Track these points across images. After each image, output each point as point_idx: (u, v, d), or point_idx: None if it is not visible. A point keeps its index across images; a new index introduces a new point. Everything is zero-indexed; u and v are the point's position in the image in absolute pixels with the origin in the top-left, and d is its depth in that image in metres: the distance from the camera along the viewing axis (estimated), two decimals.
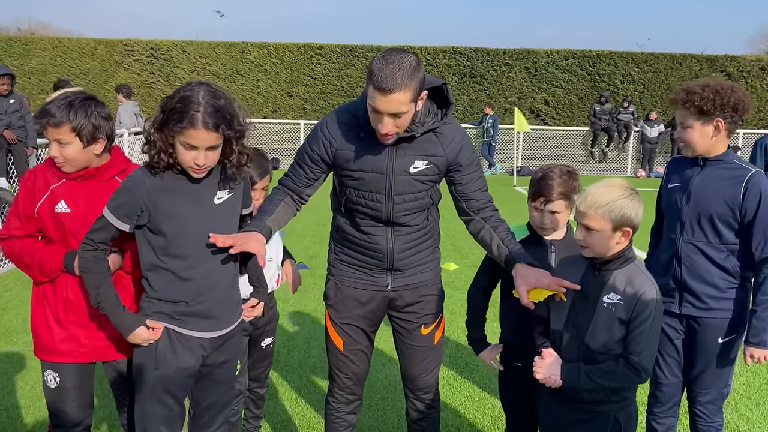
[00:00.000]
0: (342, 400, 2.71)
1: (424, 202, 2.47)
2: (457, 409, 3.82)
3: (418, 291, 2.59)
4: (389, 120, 2.18)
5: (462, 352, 4.67)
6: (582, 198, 2.12)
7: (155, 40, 19.70)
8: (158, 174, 2.17)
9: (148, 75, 19.57)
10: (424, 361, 2.68)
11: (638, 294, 2.03)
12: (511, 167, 16.42)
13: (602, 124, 17.52)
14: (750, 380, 4.30)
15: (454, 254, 7.63)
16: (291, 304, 5.68)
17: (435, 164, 2.41)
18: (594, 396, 2.12)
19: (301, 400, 3.90)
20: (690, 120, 2.61)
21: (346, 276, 2.58)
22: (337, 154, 2.39)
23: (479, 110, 18.67)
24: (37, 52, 19.46)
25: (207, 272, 2.23)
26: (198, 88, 2.10)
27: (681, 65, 19.28)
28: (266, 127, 18.25)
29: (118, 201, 2.17)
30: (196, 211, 2.20)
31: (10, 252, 2.41)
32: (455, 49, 19.53)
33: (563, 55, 19.37)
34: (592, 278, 2.13)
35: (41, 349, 2.44)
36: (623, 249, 2.09)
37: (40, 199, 2.34)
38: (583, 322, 2.11)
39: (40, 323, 2.42)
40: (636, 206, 2.06)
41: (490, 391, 4.05)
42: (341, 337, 2.62)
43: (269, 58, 19.63)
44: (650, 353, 2.04)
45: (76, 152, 2.27)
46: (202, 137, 2.07)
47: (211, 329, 2.28)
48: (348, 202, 2.46)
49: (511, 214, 10.75)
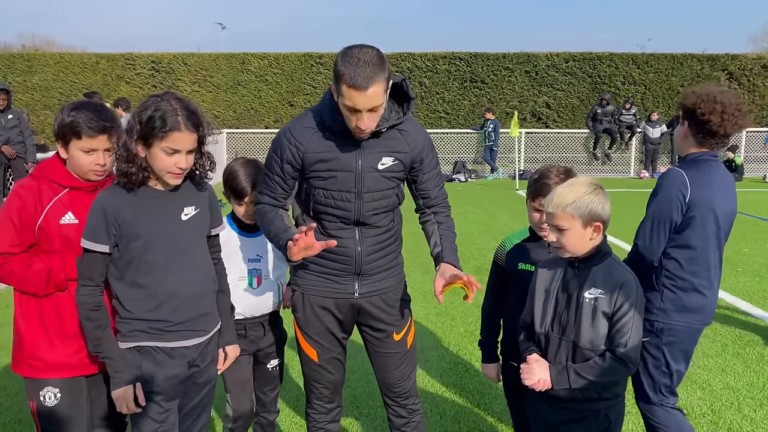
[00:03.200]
0: (322, 410, 2.69)
1: (391, 201, 2.49)
2: (458, 416, 3.78)
3: (385, 297, 2.58)
4: (368, 115, 2.21)
5: (462, 359, 4.64)
6: (548, 200, 2.15)
7: (156, 53, 19.84)
8: (131, 191, 2.19)
9: (150, 88, 19.67)
10: (400, 367, 2.66)
11: (618, 286, 2.05)
12: (513, 171, 16.39)
13: (603, 126, 17.48)
14: (753, 380, 4.24)
15: None
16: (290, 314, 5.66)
17: (401, 160, 2.43)
18: (585, 394, 2.11)
19: (301, 412, 3.87)
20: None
21: (311, 285, 2.55)
22: (305, 157, 2.38)
23: (480, 115, 18.68)
24: (40, 68, 19.61)
25: (177, 285, 2.24)
26: (167, 96, 2.18)
27: (682, 65, 19.24)
28: (268, 138, 18.30)
29: (91, 225, 2.18)
30: (164, 227, 2.24)
31: (8, 271, 2.30)
32: (455, 55, 19.56)
33: (563, 57, 19.37)
34: (572, 276, 2.15)
35: (41, 368, 2.33)
36: (599, 244, 2.12)
37: (42, 211, 2.29)
38: (567, 321, 2.12)
39: (38, 341, 2.32)
40: (601, 200, 2.09)
41: (490, 397, 4.01)
42: (314, 348, 2.60)
43: (269, 68, 19.72)
44: (635, 344, 2.05)
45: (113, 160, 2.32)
46: (184, 139, 2.14)
47: (190, 338, 2.31)
48: (316, 205, 2.45)
49: (514, 217, 10.76)
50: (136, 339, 2.23)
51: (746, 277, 6.51)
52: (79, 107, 2.31)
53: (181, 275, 2.25)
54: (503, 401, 3.95)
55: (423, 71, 19.48)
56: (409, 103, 2.41)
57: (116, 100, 10.86)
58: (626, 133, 17.63)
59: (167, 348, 2.26)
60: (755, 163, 17.45)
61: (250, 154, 18.11)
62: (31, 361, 2.34)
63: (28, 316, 2.35)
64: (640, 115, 18.10)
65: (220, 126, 18.41)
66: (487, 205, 11.79)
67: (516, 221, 10.15)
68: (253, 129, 18.86)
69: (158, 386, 2.25)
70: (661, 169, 17.20)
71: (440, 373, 4.38)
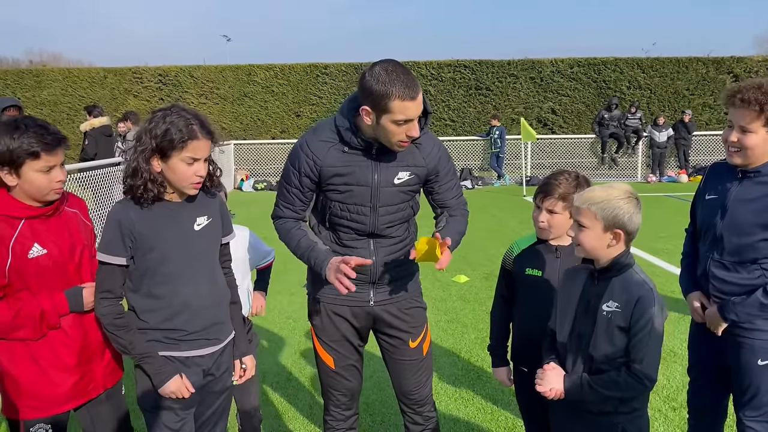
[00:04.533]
0: (339, 417, 2.71)
1: (406, 213, 2.53)
2: (470, 422, 3.79)
3: (401, 305, 2.60)
4: (415, 123, 2.27)
5: (474, 366, 4.65)
6: (579, 194, 2.11)
7: (163, 67, 19.99)
8: (143, 205, 2.20)
9: (158, 101, 19.79)
10: (416, 374, 2.68)
11: (634, 300, 1.98)
12: (520, 177, 16.39)
13: (610, 130, 17.46)
14: None
15: (465, 266, 7.61)
16: (302, 322, 5.69)
17: (416, 174, 2.47)
18: (600, 407, 2.08)
19: (313, 418, 3.89)
20: (753, 123, 2.35)
21: (328, 294, 2.57)
22: (322, 170, 2.41)
23: (486, 122, 18.69)
24: (48, 84, 19.80)
25: (191, 295, 2.26)
26: (175, 108, 2.19)
27: (687, 68, 19.21)
28: (275, 148, 18.40)
29: (107, 239, 2.18)
30: (179, 238, 2.25)
31: None
32: (459, 63, 19.62)
33: (568, 63, 19.39)
34: (591, 287, 2.10)
35: (41, 409, 2.25)
36: (619, 255, 2.05)
37: (6, 252, 2.11)
38: (585, 333, 2.08)
39: (36, 381, 2.23)
40: (631, 210, 2.01)
41: (502, 403, 4.02)
42: (331, 355, 2.63)
43: (275, 79, 19.82)
44: (652, 360, 1.98)
45: None
46: (202, 146, 2.19)
47: (205, 347, 2.33)
48: (332, 216, 2.48)
49: (521, 223, 10.75)
50: (153, 348, 2.25)
51: None
52: (18, 128, 2.12)
53: (196, 285, 2.27)
54: (516, 407, 3.96)
55: (428, 79, 19.54)
56: (426, 117, 2.43)
57: (125, 114, 10.95)
58: (632, 137, 17.60)
59: (182, 357, 2.28)
60: None
61: (257, 164, 18.22)
62: (27, 401, 2.24)
63: (17, 361, 2.22)
64: (646, 119, 18.08)
65: (228, 137, 18.50)
66: (495, 211, 11.79)
67: (525, 227, 10.14)
68: (260, 140, 18.96)
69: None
70: (669, 173, 17.17)
71: (452, 379, 4.39)
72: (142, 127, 2.21)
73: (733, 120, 2.43)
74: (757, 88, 2.34)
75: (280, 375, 4.53)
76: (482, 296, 6.37)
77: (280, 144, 18.60)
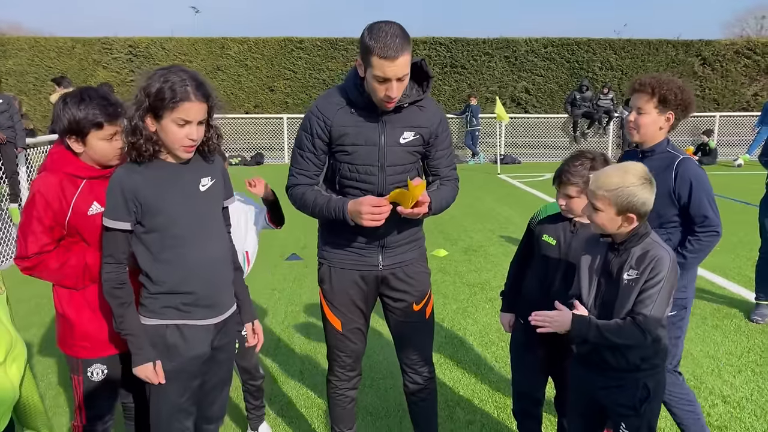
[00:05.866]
0: (343, 378, 2.82)
1: (412, 174, 2.61)
2: (456, 386, 3.96)
3: (407, 269, 2.71)
4: (397, 84, 2.34)
5: (456, 334, 4.82)
6: (595, 177, 2.18)
7: (133, 38, 19.56)
8: (143, 166, 2.18)
9: (128, 73, 19.41)
10: (419, 336, 2.79)
11: (652, 260, 2.09)
12: (494, 156, 16.60)
13: (581, 110, 17.76)
14: (732, 349, 4.50)
15: (443, 241, 7.78)
16: (287, 293, 5.79)
17: (421, 135, 2.56)
18: (623, 364, 2.19)
19: (305, 381, 4.02)
20: (646, 105, 2.81)
21: (338, 258, 2.67)
22: (332, 130, 2.49)
23: (461, 100, 18.83)
24: (14, 53, 19.22)
25: (202, 257, 2.28)
26: (173, 68, 2.16)
27: (657, 51, 19.57)
28: (249, 123, 18.25)
29: (110, 204, 2.18)
30: (185, 200, 2.24)
31: (45, 269, 2.36)
32: (435, 40, 19.63)
33: (542, 43, 19.57)
34: (614, 258, 2.20)
35: (92, 349, 2.46)
36: (636, 228, 2.15)
37: (68, 206, 2.33)
38: (609, 300, 2.18)
39: (88, 325, 2.43)
40: (645, 195, 2.10)
41: (484, 368, 4.20)
42: (338, 318, 2.72)
43: (249, 53, 19.58)
44: (656, 317, 2.09)
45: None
46: (195, 109, 2.13)
47: (215, 315, 2.35)
48: (342, 179, 2.56)
49: (496, 201, 10.97)
50: (164, 317, 2.26)
51: (722, 255, 6.79)
52: (85, 98, 2.32)
53: (204, 246, 2.28)
54: (498, 371, 4.16)
55: None
56: (428, 82, 2.53)
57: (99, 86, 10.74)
58: (604, 117, 17.93)
59: (193, 326, 2.29)
60: (727, 147, 17.88)
61: (231, 139, 18.00)
62: (82, 343, 2.45)
63: (74, 304, 2.43)
64: (618, 99, 18.42)
65: None
66: (471, 189, 11.95)
67: (500, 204, 10.37)
68: (233, 114, 18.73)
69: (182, 365, 2.29)
70: None
71: (437, 347, 4.54)
72: (140, 85, 2.18)
73: (632, 104, 2.89)
74: (653, 78, 2.80)
75: (270, 343, 4.64)
76: (461, 269, 6.55)
77: (254, 119, 18.45)
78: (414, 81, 2.54)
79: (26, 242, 2.33)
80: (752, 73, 19.78)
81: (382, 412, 3.64)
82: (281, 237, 7.87)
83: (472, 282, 6.06)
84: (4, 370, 1.72)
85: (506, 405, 3.69)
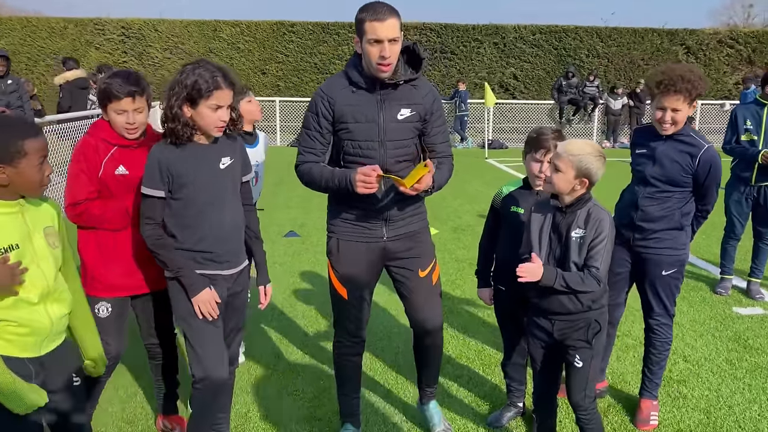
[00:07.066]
0: (348, 344, 3.02)
1: (411, 150, 2.85)
2: (446, 347, 4.35)
3: (410, 240, 2.92)
4: (390, 46, 2.61)
5: (446, 303, 5.21)
6: (562, 144, 2.61)
7: (126, 19, 19.65)
8: (179, 146, 2.59)
9: (120, 54, 19.54)
10: (428, 300, 2.97)
11: (596, 222, 2.53)
12: (482, 140, 16.99)
13: (568, 97, 18.14)
14: (696, 317, 4.95)
15: (433, 220, 8.02)
16: (287, 266, 6.17)
17: (417, 111, 2.80)
18: (578, 306, 2.60)
19: (309, 348, 4.40)
20: (682, 105, 3.10)
21: (345, 231, 2.89)
22: (336, 108, 2.76)
23: (450, 85, 19.15)
24: (6, 33, 19.28)
25: (217, 222, 2.67)
26: (202, 62, 2.60)
27: (643, 39, 19.98)
28: None
29: (148, 175, 2.61)
30: (207, 175, 2.64)
31: (90, 214, 2.76)
32: (425, 26, 19.91)
33: (530, 30, 19.90)
34: (561, 219, 2.61)
35: (100, 289, 2.84)
36: (582, 194, 2.58)
37: (100, 164, 2.77)
38: (559, 256, 2.61)
39: (97, 265, 2.83)
40: (599, 166, 2.53)
41: (470, 332, 4.62)
42: (345, 287, 2.92)
43: (242, 36, 19.75)
44: (605, 268, 2.56)
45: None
46: (225, 95, 2.56)
47: (230, 268, 2.75)
48: (346, 155, 2.80)
49: (485, 185, 11.38)
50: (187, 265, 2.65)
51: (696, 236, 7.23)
52: (113, 75, 2.79)
53: (220, 214, 2.68)
54: (484, 334, 4.58)
55: None
56: (421, 63, 2.83)
57: (99, 67, 11.00)
58: (589, 104, 18.34)
59: (212, 275, 2.69)
60: (708, 135, 18.36)
61: None
62: (91, 282, 2.84)
63: (87, 247, 2.85)
64: (603, 87, 18.82)
65: None
66: (459, 172, 12.20)
67: (487, 187, 10.76)
68: None
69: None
70: (623, 139, 18.03)
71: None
72: (174, 78, 2.60)
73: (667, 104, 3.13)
74: (680, 77, 3.05)
75: (274, 311, 5.02)
76: (451, 246, 6.95)
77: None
78: (408, 64, 2.83)
79: (75, 190, 2.76)
80: (734, 62, 20.27)
81: (378, 369, 4.04)
82: (280, 216, 8.25)
83: (461, 258, 6.46)
84: (45, 308, 2.10)
85: (490, 362, 4.11)
